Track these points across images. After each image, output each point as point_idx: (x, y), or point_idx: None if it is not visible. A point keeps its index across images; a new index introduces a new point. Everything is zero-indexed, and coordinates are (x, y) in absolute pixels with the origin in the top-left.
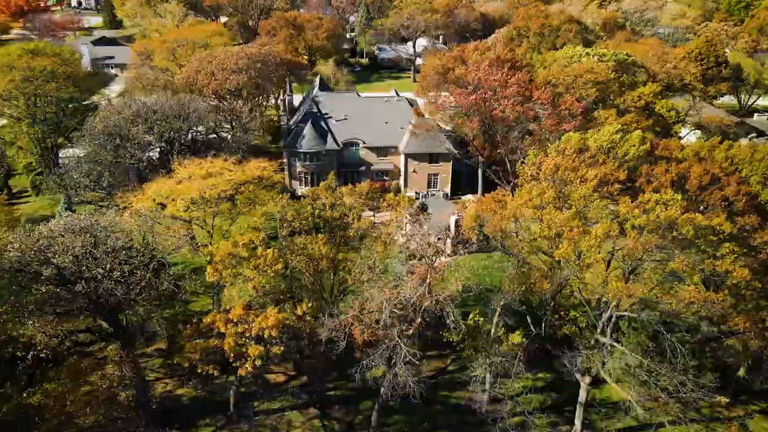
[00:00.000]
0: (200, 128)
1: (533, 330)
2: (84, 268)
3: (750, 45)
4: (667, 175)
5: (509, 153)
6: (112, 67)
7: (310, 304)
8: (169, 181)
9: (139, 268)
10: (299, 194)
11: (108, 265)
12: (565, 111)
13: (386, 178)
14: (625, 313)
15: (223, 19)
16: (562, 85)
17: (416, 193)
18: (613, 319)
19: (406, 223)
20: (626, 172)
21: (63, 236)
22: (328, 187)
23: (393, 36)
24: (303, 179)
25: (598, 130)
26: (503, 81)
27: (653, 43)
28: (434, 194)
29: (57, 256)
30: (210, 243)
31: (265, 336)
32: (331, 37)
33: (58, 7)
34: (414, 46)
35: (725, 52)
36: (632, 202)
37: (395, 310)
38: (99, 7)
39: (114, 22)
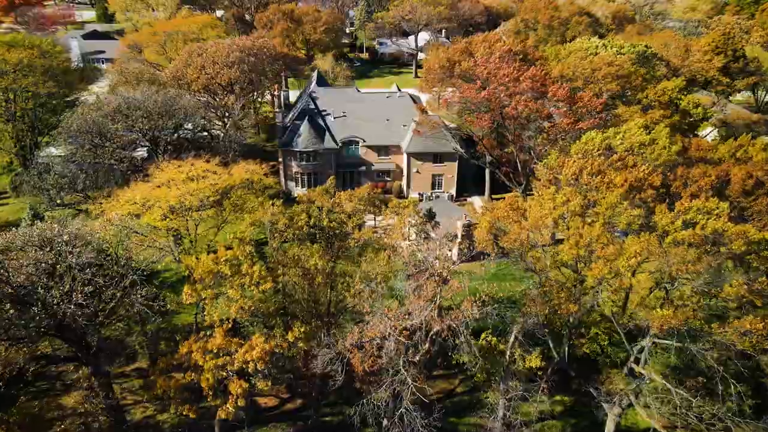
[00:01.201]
0: (189, 126)
1: (554, 353)
2: (39, 289)
3: (765, 39)
4: (706, 178)
5: (520, 153)
6: (102, 62)
7: (303, 329)
8: (145, 186)
9: (109, 286)
10: (295, 196)
11: (67, 286)
12: (583, 108)
13: (388, 178)
14: (666, 342)
15: (220, 12)
16: (579, 79)
17: (419, 194)
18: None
19: (412, 231)
20: (660, 176)
21: (22, 250)
22: (325, 192)
23: (394, 30)
24: (299, 180)
25: (620, 128)
26: (515, 75)
27: (668, 36)
28: (438, 196)
29: (10, 274)
30: (194, 251)
31: (250, 370)
32: (330, 31)
33: (51, 1)
34: (416, 40)
35: (742, 46)
36: (670, 210)
37: (401, 338)
38: (93, 1)
39: (107, 16)
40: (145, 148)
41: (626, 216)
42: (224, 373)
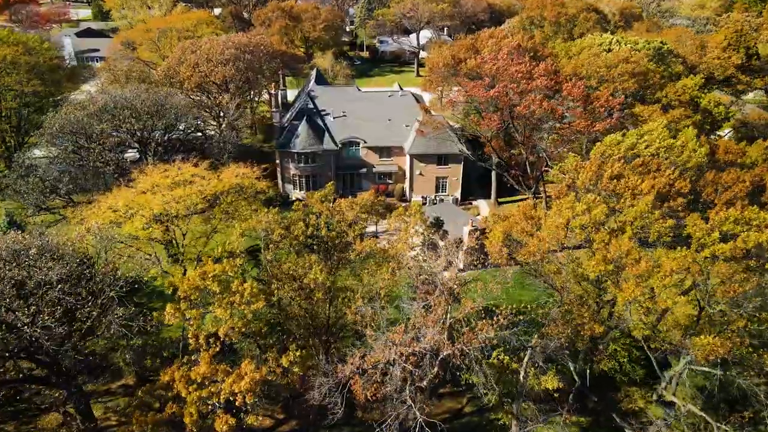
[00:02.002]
0: (182, 126)
1: (575, 376)
2: (2, 310)
3: None
4: (740, 184)
5: (530, 155)
6: (96, 61)
7: (299, 352)
8: (127, 191)
9: (84, 305)
10: (293, 199)
11: (33, 308)
12: (600, 108)
13: (389, 181)
14: (705, 369)
15: (218, 11)
16: (593, 77)
17: (423, 197)
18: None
19: (417, 241)
20: (689, 181)
21: None
22: (323, 199)
23: (395, 27)
24: (297, 183)
25: (641, 129)
26: (527, 72)
27: (679, 33)
28: (443, 199)
29: None
30: (183, 259)
31: (238, 402)
32: (330, 29)
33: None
34: (417, 38)
35: (755, 44)
36: (704, 221)
37: (408, 366)
38: None
39: (103, 14)
40: (136, 150)
41: (657, 227)
42: (209, 407)
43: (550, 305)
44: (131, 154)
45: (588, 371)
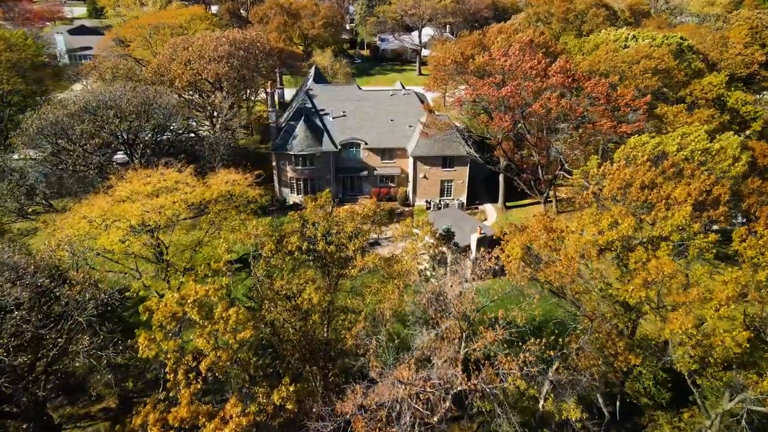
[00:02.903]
0: (174, 126)
1: (605, 411)
2: None
3: None
4: None
5: (542, 157)
6: (89, 59)
7: (292, 387)
8: (104, 199)
9: (50, 331)
10: (291, 203)
11: None
12: (624, 107)
13: (392, 184)
14: (762, 409)
15: (215, 8)
16: (612, 74)
17: (427, 201)
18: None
19: (424, 256)
20: (727, 188)
21: None
22: (319, 208)
23: (396, 25)
24: (295, 186)
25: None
26: (542, 69)
27: (691, 29)
28: (448, 204)
29: None
30: (166, 276)
31: None
32: (329, 26)
33: None
34: (419, 36)
35: None
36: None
37: (417, 407)
38: None
39: (97, 12)
40: (123, 152)
41: (698, 242)
42: None
43: (575, 327)
44: (121, 156)
45: (618, 402)
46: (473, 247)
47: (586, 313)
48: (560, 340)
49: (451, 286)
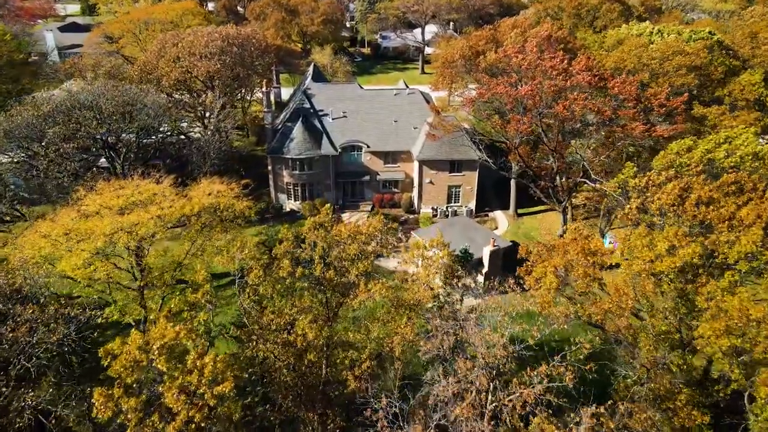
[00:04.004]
0: (163, 128)
1: None
2: None
3: None
4: None
5: (561, 163)
6: (80, 56)
7: None
8: (68, 215)
9: None
10: (288, 210)
11: None
12: (658, 108)
13: (396, 190)
14: None
15: (212, 5)
16: (641, 71)
17: (433, 208)
18: None
19: (437, 278)
20: None
21: None
22: (317, 226)
23: (398, 22)
24: (292, 192)
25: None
26: (562, 67)
27: (707, 24)
28: (456, 211)
29: None
30: (142, 301)
31: None
32: (329, 22)
33: None
34: (423, 33)
35: None
36: None
37: None
38: None
39: (90, 8)
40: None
41: None
42: None
43: (622, 373)
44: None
45: None
46: (486, 260)
47: (644, 364)
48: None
49: (476, 323)
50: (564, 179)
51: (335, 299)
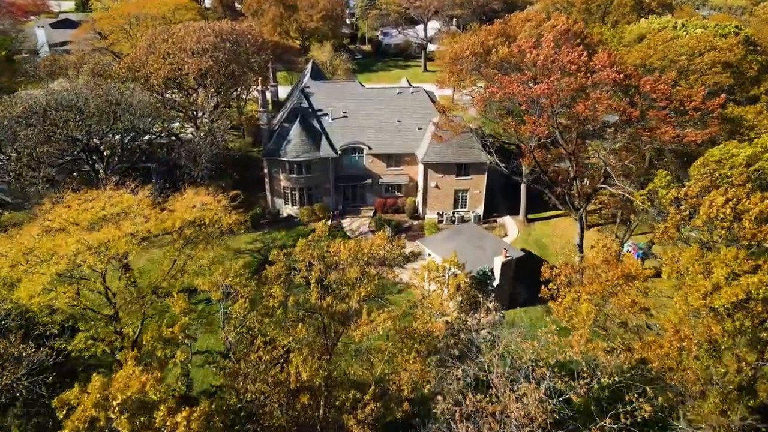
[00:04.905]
0: (153, 129)
1: None
2: None
3: None
4: None
5: (578, 168)
6: (62, 54)
7: None
8: (29, 231)
9: None
10: (285, 216)
11: None
12: (693, 111)
13: (399, 194)
14: None
15: (208, 1)
16: (669, 69)
17: (439, 214)
18: None
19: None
20: None
21: None
22: (308, 245)
23: (400, 18)
24: (289, 197)
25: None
26: (583, 63)
27: (722, 19)
28: (463, 216)
29: None
30: (119, 330)
31: None
32: (328, 18)
33: None
34: (425, 29)
35: None
36: None
37: None
38: None
39: (84, 4)
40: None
41: None
42: None
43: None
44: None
45: None
46: (497, 272)
47: (709, 422)
48: None
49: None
50: (582, 185)
51: (334, 328)
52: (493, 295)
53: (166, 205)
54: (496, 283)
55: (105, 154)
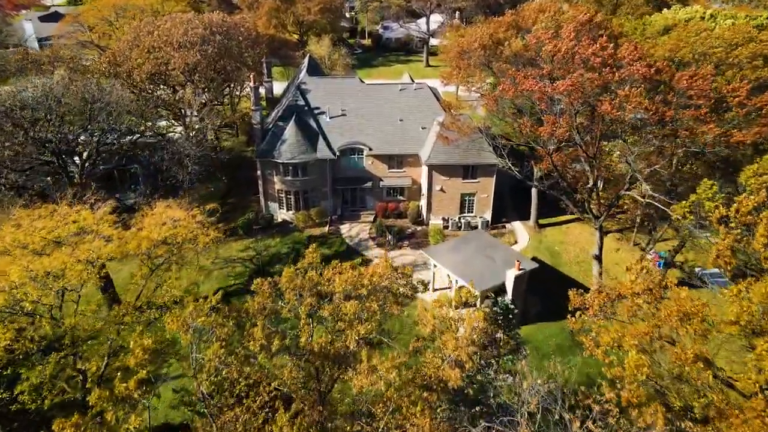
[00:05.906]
0: (137, 129)
1: None
2: None
3: None
4: None
5: (599, 172)
6: (31, 48)
7: None
8: None
9: None
10: (279, 221)
11: None
12: (738, 108)
13: (401, 198)
14: None
15: None
16: (703, 62)
17: (444, 219)
18: None
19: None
20: None
21: None
22: (297, 274)
23: (401, 11)
24: (284, 201)
25: None
26: (608, 54)
27: (744, 9)
28: (470, 222)
29: None
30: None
31: None
32: (327, 11)
33: None
34: (427, 23)
35: None
36: None
37: None
38: None
39: None
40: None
41: None
42: None
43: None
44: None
45: None
46: (509, 287)
47: None
48: None
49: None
50: (603, 191)
51: (328, 373)
52: (516, 330)
53: (132, 222)
54: (508, 297)
55: (82, 156)
